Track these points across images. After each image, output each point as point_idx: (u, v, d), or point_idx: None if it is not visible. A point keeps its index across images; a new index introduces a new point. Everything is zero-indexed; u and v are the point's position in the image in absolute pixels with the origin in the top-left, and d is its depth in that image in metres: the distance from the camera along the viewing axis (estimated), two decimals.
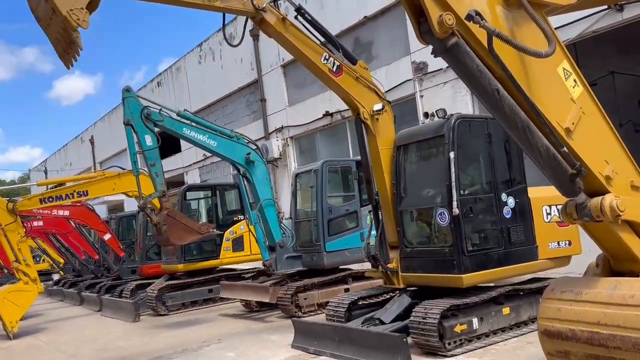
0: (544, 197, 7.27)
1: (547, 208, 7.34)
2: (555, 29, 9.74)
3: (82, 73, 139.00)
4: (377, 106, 7.35)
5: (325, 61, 7.16)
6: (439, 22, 2.83)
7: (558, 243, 7.40)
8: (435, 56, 3.00)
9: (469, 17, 2.81)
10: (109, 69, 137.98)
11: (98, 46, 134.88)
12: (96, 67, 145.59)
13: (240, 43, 7.38)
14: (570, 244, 7.47)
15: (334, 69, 7.22)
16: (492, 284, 7.25)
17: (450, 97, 12.22)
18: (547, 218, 7.34)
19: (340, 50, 7.49)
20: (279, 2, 7.06)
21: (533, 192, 7.21)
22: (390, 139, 7.55)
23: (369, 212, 7.96)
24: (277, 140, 17.97)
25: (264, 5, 6.61)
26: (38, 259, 23.95)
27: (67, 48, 5.19)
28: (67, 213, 14.98)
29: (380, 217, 7.44)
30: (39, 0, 4.97)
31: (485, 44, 2.90)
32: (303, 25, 7.36)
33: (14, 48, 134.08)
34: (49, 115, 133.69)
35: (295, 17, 7.34)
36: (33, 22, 5.24)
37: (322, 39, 7.44)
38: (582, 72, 3.30)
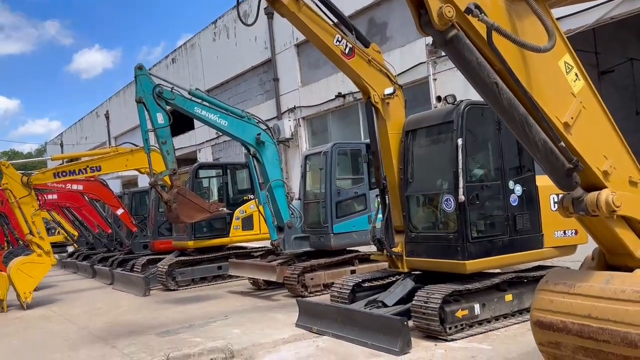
0: (552, 186, 7.21)
1: (555, 197, 7.30)
2: (572, 15, 9.54)
3: (101, 47, 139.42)
4: (388, 90, 7.33)
5: (337, 43, 7.13)
6: (439, 14, 2.83)
7: (564, 232, 7.39)
8: (434, 47, 3.00)
9: (468, 11, 2.80)
10: (128, 44, 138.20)
11: (119, 21, 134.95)
12: (116, 42, 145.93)
13: (254, 22, 7.34)
14: (576, 233, 7.45)
15: (346, 51, 7.19)
16: (496, 271, 7.31)
17: (464, 82, 12.06)
18: (554, 207, 7.31)
19: (353, 32, 7.46)
20: None
21: (541, 181, 7.17)
22: (400, 123, 7.55)
23: (376, 195, 7.99)
24: (289, 121, 17.98)
25: None
26: (53, 231, 24.45)
27: None
28: (80, 187, 15.21)
29: (387, 202, 7.48)
30: None
31: (484, 36, 2.90)
32: (317, 5, 7.32)
33: (35, 22, 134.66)
34: (68, 88, 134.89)
35: None
36: None
37: (335, 20, 7.41)
38: (599, 59, 3.28)
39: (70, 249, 23.92)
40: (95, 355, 7.08)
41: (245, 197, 13.39)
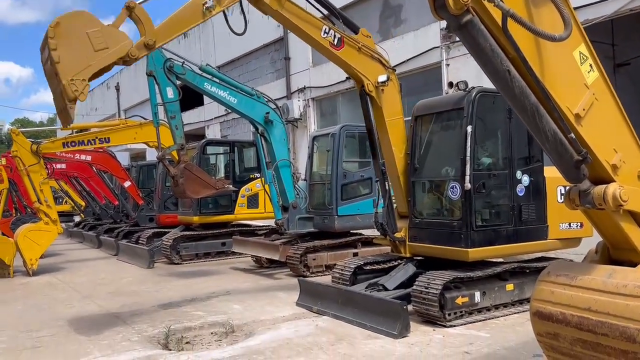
0: (560, 178, 7.13)
1: (562, 188, 7.26)
2: (590, 5, 9.38)
3: (117, 14, 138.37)
4: (382, 77, 7.23)
5: (325, 35, 6.99)
6: None
7: (569, 224, 7.37)
8: (448, 32, 2.96)
9: None
10: None
11: None
12: None
13: (244, 32, 7.09)
14: (581, 226, 7.43)
15: (335, 42, 7.05)
16: (498, 260, 7.32)
17: (477, 69, 11.92)
18: (561, 199, 7.28)
19: (341, 20, 7.34)
20: None
21: (549, 172, 7.13)
22: (396, 110, 7.47)
23: (376, 181, 7.97)
24: (299, 101, 17.91)
25: None
26: (60, 201, 24.66)
27: (63, 109, 5.30)
28: (89, 158, 15.31)
29: (387, 188, 7.46)
30: (47, 57, 5.06)
31: (499, 23, 2.85)
32: None
33: None
34: None
35: None
36: None
37: (325, 12, 7.27)
38: (616, 51, 3.22)
39: (76, 218, 24.15)
40: (99, 323, 7.19)
41: (251, 176, 13.43)
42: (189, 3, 6.19)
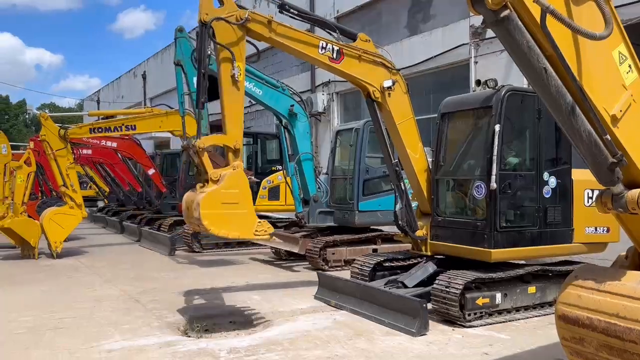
0: (588, 180, 6.98)
1: (590, 192, 7.13)
2: (631, 4, 9.07)
3: (147, 8, 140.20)
4: (387, 83, 7.14)
5: (323, 51, 6.93)
6: None
7: (595, 229, 7.23)
8: (485, 27, 2.91)
9: None
10: (173, 7, 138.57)
11: None
12: (161, 3, 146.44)
13: (258, 58, 7.22)
14: (608, 230, 7.28)
15: (334, 56, 6.98)
16: (521, 262, 7.21)
17: (506, 67, 11.78)
18: (588, 202, 7.14)
19: (337, 31, 7.28)
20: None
21: (577, 174, 7.01)
22: (406, 111, 7.38)
23: (393, 183, 7.87)
24: (323, 95, 17.87)
25: (246, 16, 6.28)
26: (85, 186, 25.06)
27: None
28: (115, 145, 15.52)
29: (403, 188, 7.39)
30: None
31: (538, 19, 2.79)
32: (293, 17, 7.12)
33: None
34: (110, 47, 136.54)
35: (281, 12, 7.08)
36: None
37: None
38: None
39: (100, 203, 24.55)
40: (119, 308, 7.30)
41: (273, 168, 13.45)
42: (223, 83, 6.23)
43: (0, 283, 9.27)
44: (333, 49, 6.99)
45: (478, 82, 7.36)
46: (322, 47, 6.93)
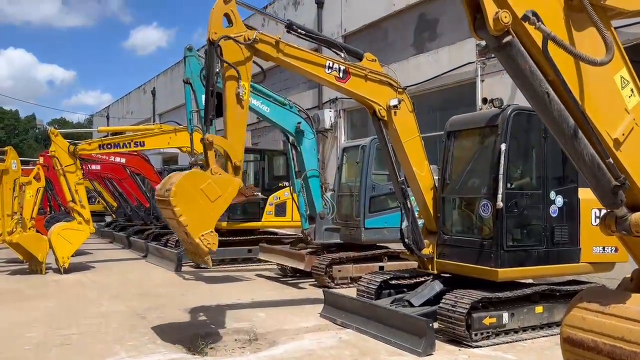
0: (595, 200, 6.99)
1: (597, 211, 7.10)
2: (632, 25, 9.07)
3: (159, 25, 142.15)
4: (393, 101, 7.19)
5: (329, 70, 7.01)
6: (495, 19, 2.77)
7: (603, 248, 7.18)
8: (487, 52, 2.96)
9: (525, 18, 2.73)
10: (185, 24, 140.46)
11: (181, 1, 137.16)
12: (173, 21, 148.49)
13: (263, 80, 7.55)
14: (616, 250, 7.23)
15: (341, 75, 7.06)
16: (528, 281, 7.18)
17: (512, 86, 11.81)
18: (595, 221, 7.11)
19: (343, 51, 7.37)
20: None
21: (584, 194, 6.98)
22: (411, 129, 7.42)
23: (397, 200, 7.89)
24: (330, 112, 17.97)
25: (254, 37, 6.43)
26: (93, 200, 25.22)
27: (197, 256, 6.14)
28: (123, 160, 15.65)
29: (409, 206, 7.41)
30: (172, 216, 5.66)
31: (540, 45, 2.83)
32: (299, 36, 7.23)
33: None
34: (123, 63, 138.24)
35: (288, 32, 7.19)
36: None
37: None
38: None
39: (108, 218, 24.65)
40: (125, 324, 7.31)
41: (280, 184, 13.52)
42: (228, 103, 6.39)
43: (7, 298, 9.32)
44: (340, 68, 7.06)
45: (484, 100, 7.42)
46: (329, 67, 7.01)
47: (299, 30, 7.15)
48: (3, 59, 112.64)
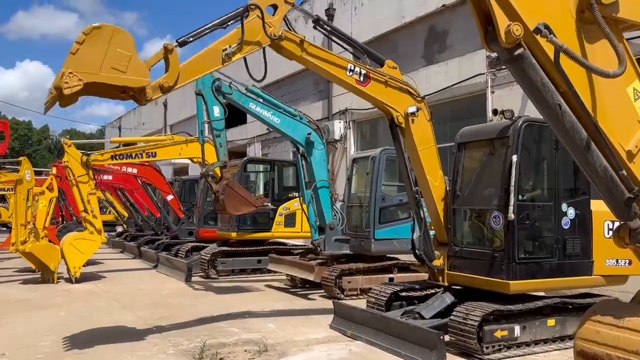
0: (608, 212, 6.92)
1: (610, 223, 7.04)
2: None
3: (172, 38, 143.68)
4: (412, 108, 7.20)
5: (350, 73, 7.06)
6: (507, 31, 2.79)
7: (617, 261, 7.10)
8: (498, 64, 2.97)
9: (537, 31, 2.75)
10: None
11: (195, 14, 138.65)
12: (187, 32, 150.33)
13: (264, 78, 7.15)
14: (630, 263, 7.15)
15: (361, 79, 7.10)
16: (540, 294, 7.11)
17: (522, 97, 11.80)
18: (608, 233, 7.05)
19: (365, 55, 7.40)
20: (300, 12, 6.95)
21: (596, 205, 6.93)
22: (428, 138, 7.42)
23: (410, 209, 7.89)
24: (340, 122, 18.03)
25: (279, 34, 6.52)
26: (104, 210, 25.40)
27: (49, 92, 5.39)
28: (135, 171, 15.78)
29: (422, 216, 7.39)
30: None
31: (552, 57, 2.84)
32: (326, 35, 7.29)
33: (115, 11, 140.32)
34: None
35: (314, 27, 7.24)
36: None
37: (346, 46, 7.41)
38: None
39: (119, 228, 24.80)
40: (136, 334, 7.33)
41: (290, 195, 13.53)
42: (209, 48, 6.34)
43: (19, 307, 9.39)
44: (361, 72, 7.12)
45: (495, 112, 7.40)
46: (350, 70, 7.07)
47: (325, 27, 7.22)
48: (19, 71, 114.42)
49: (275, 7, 6.63)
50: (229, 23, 6.47)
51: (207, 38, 6.41)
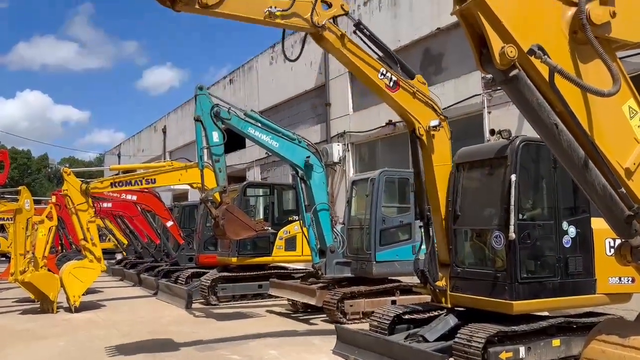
0: (608, 229, 6.91)
1: (611, 241, 7.02)
2: (635, 54, 9.15)
3: (172, 65, 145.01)
4: (434, 122, 7.30)
5: (382, 77, 7.20)
6: (501, 53, 2.83)
7: (620, 279, 7.06)
8: (493, 85, 3.00)
9: (531, 52, 2.79)
10: (197, 63, 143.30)
11: (194, 42, 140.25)
12: (186, 62, 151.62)
13: (298, 58, 7.45)
14: (633, 281, 7.10)
15: (391, 85, 7.23)
16: (544, 314, 7.05)
17: (519, 117, 11.88)
18: (610, 251, 7.02)
19: (398, 65, 7.51)
20: (339, 17, 7.14)
21: (597, 223, 6.92)
22: (445, 156, 7.47)
23: (420, 226, 7.91)
24: (338, 145, 18.11)
25: (323, 23, 6.69)
26: (104, 238, 25.30)
27: None
28: (134, 198, 15.76)
29: (431, 234, 7.38)
30: None
31: (546, 78, 2.87)
32: (361, 39, 7.42)
33: (116, 40, 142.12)
34: (137, 103, 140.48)
35: (354, 32, 7.41)
36: (135, 18, 5.68)
37: (381, 54, 7.49)
38: None
39: (118, 256, 24.67)
40: None
41: (290, 218, 13.49)
42: None
43: (19, 338, 9.28)
44: (391, 78, 7.26)
45: (492, 132, 7.46)
46: (382, 74, 7.22)
47: (365, 31, 7.37)
48: (19, 101, 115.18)
49: (330, 5, 6.89)
50: None
51: None
